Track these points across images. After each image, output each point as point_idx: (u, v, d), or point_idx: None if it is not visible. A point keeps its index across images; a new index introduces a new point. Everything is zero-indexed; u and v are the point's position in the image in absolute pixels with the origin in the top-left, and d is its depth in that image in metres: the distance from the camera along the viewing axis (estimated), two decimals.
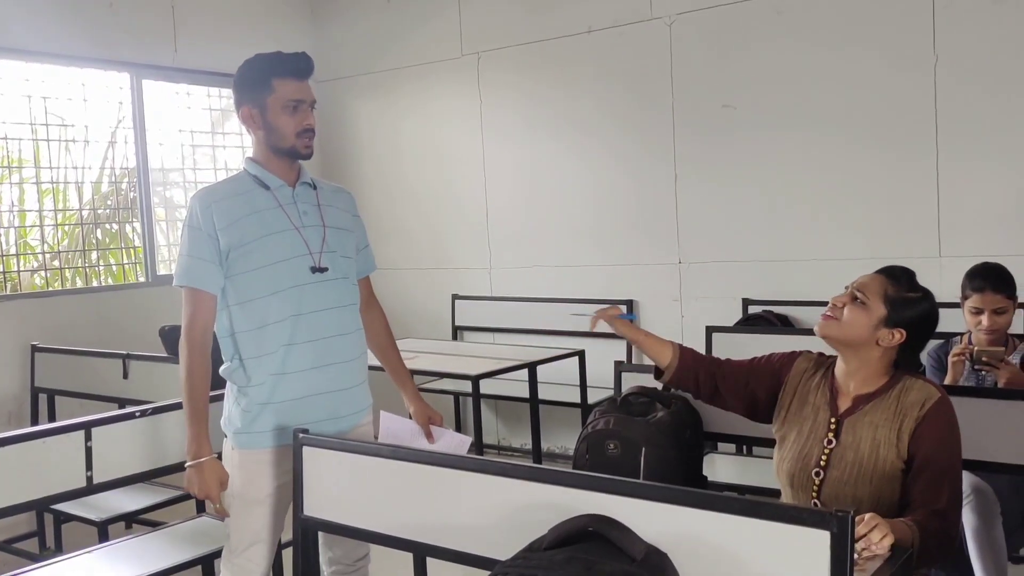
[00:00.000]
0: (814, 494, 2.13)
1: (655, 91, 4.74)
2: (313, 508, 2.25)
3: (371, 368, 2.59)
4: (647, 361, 4.90)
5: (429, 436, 2.61)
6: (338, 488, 2.23)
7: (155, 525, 3.38)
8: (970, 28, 3.92)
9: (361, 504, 2.18)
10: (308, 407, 2.36)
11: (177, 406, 2.82)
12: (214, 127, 5.70)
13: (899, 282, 2.17)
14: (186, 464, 2.31)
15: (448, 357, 4.55)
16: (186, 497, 3.59)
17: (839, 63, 4.24)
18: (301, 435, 2.26)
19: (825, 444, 2.14)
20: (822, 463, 2.13)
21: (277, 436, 2.35)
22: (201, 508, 3.60)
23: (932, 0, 3.98)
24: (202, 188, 2.42)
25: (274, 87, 2.33)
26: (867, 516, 1.77)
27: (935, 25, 3.98)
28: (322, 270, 2.37)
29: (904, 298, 2.14)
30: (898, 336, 2.12)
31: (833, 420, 2.16)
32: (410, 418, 2.65)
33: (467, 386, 4.24)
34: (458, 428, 5.58)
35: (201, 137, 5.62)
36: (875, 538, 1.73)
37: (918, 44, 4.03)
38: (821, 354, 2.32)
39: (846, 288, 2.19)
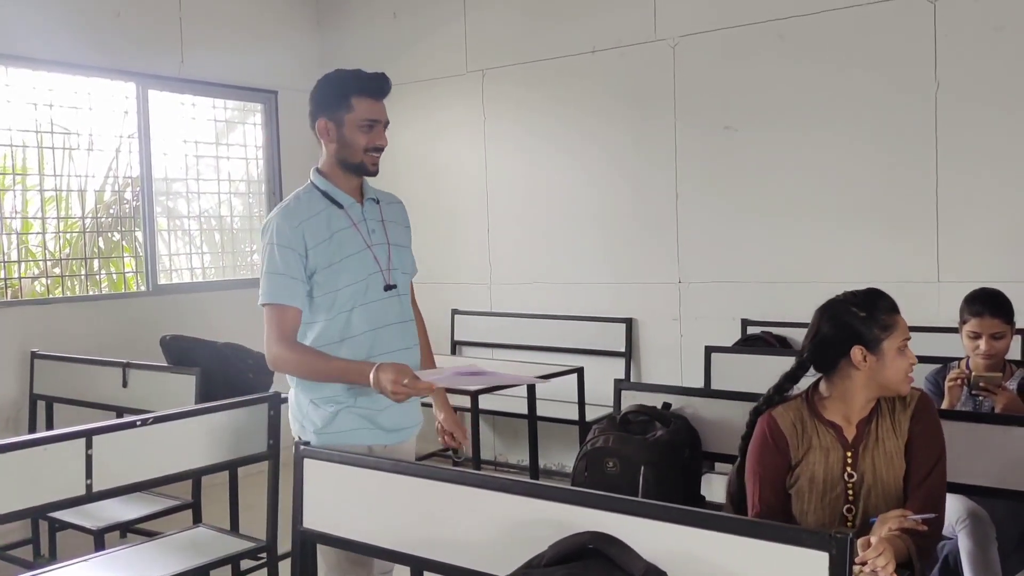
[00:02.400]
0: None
1: (658, 112, 4.78)
2: (312, 520, 2.26)
3: None
4: (646, 379, 4.94)
5: (453, 441, 2.66)
6: (338, 501, 2.24)
7: (151, 535, 3.37)
8: (971, 55, 3.96)
9: (360, 517, 2.19)
10: (379, 418, 2.43)
11: (177, 415, 2.85)
12: (218, 138, 5.72)
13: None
14: (372, 380, 2.24)
15: None
16: (183, 507, 3.61)
17: (841, 88, 4.27)
18: (302, 447, 2.27)
19: (846, 479, 2.15)
20: (850, 497, 2.14)
21: (355, 436, 2.41)
22: (198, 519, 3.60)
23: (933, 27, 4.02)
24: (283, 207, 2.44)
25: (352, 105, 2.40)
26: (874, 540, 1.79)
27: (936, 52, 4.02)
28: (392, 287, 2.48)
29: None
30: (858, 353, 2.14)
31: (849, 453, 2.16)
32: (438, 428, 2.69)
33: (465, 401, 4.24)
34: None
35: (205, 148, 5.65)
36: (880, 563, 1.75)
37: (919, 71, 4.06)
38: (780, 402, 2.29)
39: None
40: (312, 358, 2.35)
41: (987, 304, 3.05)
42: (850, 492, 2.13)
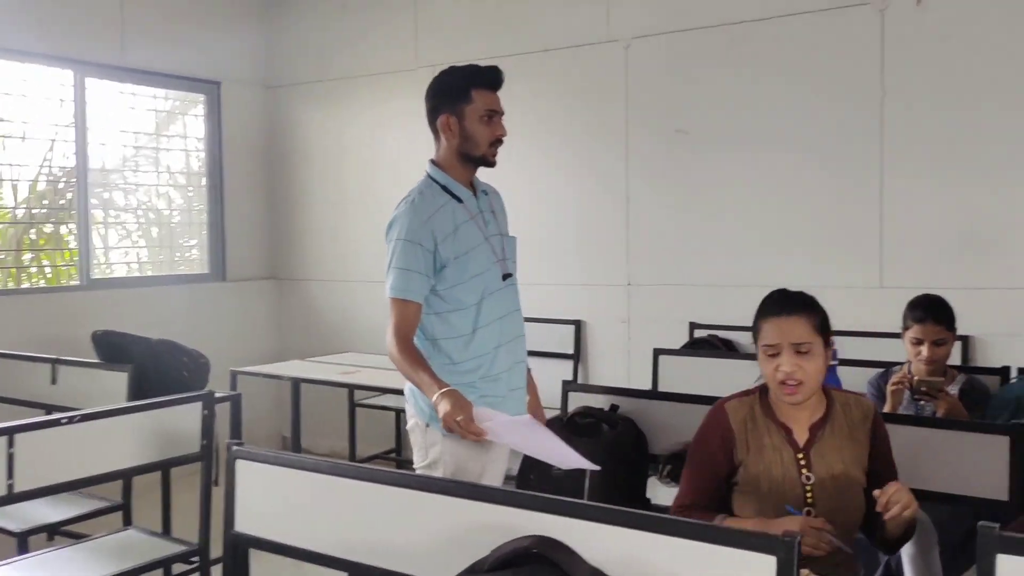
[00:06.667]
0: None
1: (609, 113, 4.76)
2: (244, 524, 2.17)
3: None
4: (594, 381, 4.92)
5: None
6: (272, 504, 2.16)
7: (79, 537, 3.24)
8: (918, 64, 4.01)
9: (295, 521, 2.11)
10: (505, 406, 2.45)
11: (106, 413, 2.75)
12: (158, 129, 5.57)
13: (804, 307, 2.16)
14: (433, 400, 2.27)
15: (390, 372, 4.46)
16: (113, 509, 3.48)
17: (790, 93, 4.30)
18: (235, 447, 2.19)
19: (804, 481, 2.13)
20: (809, 500, 2.12)
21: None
22: (128, 521, 3.49)
23: (881, 36, 4.07)
24: (409, 203, 2.48)
25: (472, 97, 2.49)
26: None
27: (883, 61, 4.07)
28: (508, 275, 2.56)
29: (821, 314, 2.16)
30: (830, 351, 2.16)
31: (800, 456, 2.15)
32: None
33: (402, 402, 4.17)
34: (398, 446, 5.50)
35: (144, 139, 5.50)
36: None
37: (867, 79, 4.11)
38: (739, 393, 2.27)
39: (769, 349, 2.12)
40: (408, 360, 2.37)
41: (929, 311, 3.09)
42: (808, 494, 2.12)
